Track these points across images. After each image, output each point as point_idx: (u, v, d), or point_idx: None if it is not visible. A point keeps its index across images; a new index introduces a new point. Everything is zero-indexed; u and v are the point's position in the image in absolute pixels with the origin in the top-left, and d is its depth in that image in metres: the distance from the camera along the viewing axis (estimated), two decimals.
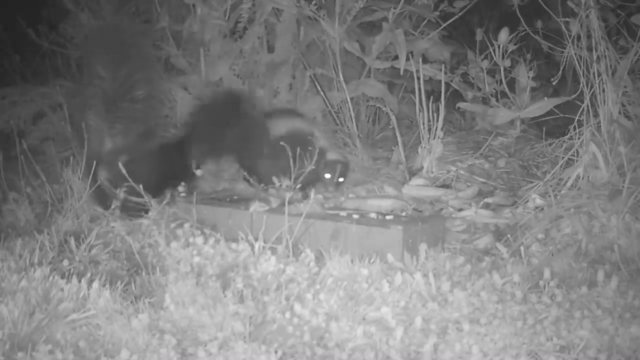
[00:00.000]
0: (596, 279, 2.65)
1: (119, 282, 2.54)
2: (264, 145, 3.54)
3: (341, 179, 3.56)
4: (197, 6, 4.46)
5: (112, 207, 3.36)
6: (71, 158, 3.56)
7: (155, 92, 3.65)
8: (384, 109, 4.54)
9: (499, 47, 4.27)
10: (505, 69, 4.31)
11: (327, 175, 3.52)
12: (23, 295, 2.39)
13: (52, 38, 5.13)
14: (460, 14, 4.46)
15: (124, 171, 3.14)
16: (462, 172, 4.03)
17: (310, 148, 3.37)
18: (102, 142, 3.43)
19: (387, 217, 3.11)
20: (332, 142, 3.74)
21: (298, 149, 3.28)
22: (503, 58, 4.29)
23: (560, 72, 3.76)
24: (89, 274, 2.62)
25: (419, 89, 4.14)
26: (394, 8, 4.27)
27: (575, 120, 3.54)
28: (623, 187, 3.15)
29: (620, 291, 2.58)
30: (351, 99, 4.26)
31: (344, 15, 4.31)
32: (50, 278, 2.51)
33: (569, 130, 3.64)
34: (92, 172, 3.33)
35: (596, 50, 3.50)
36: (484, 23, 4.92)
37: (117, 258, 2.90)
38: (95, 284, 2.48)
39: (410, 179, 3.91)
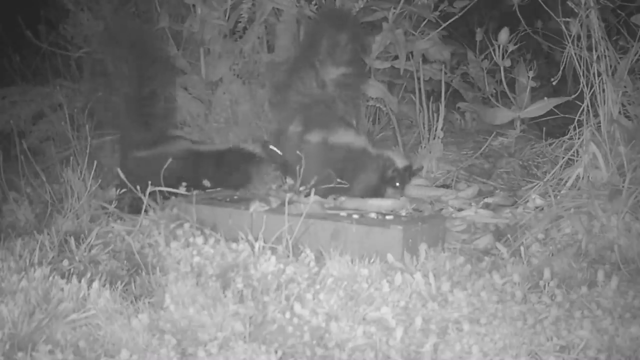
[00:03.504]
0: (596, 279, 2.65)
1: (119, 282, 2.54)
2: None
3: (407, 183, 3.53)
4: (197, 6, 4.46)
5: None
6: (71, 158, 3.56)
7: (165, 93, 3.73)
8: (384, 109, 4.54)
9: (499, 47, 4.27)
10: (505, 69, 4.31)
11: (397, 184, 3.47)
12: (23, 295, 2.39)
13: (52, 38, 5.13)
14: (460, 14, 4.46)
15: None
16: (462, 172, 4.03)
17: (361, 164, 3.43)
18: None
19: (387, 217, 3.12)
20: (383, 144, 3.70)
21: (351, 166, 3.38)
22: (503, 58, 4.29)
23: (560, 72, 3.76)
24: (89, 274, 2.63)
25: (419, 89, 4.14)
26: (394, 8, 4.26)
27: (575, 120, 3.55)
28: (623, 187, 3.15)
29: (620, 291, 2.58)
30: None
31: None
32: (50, 278, 2.52)
33: (569, 130, 3.65)
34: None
35: (596, 50, 3.50)
36: (484, 23, 4.92)
37: (117, 258, 2.90)
38: (95, 284, 2.48)
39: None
